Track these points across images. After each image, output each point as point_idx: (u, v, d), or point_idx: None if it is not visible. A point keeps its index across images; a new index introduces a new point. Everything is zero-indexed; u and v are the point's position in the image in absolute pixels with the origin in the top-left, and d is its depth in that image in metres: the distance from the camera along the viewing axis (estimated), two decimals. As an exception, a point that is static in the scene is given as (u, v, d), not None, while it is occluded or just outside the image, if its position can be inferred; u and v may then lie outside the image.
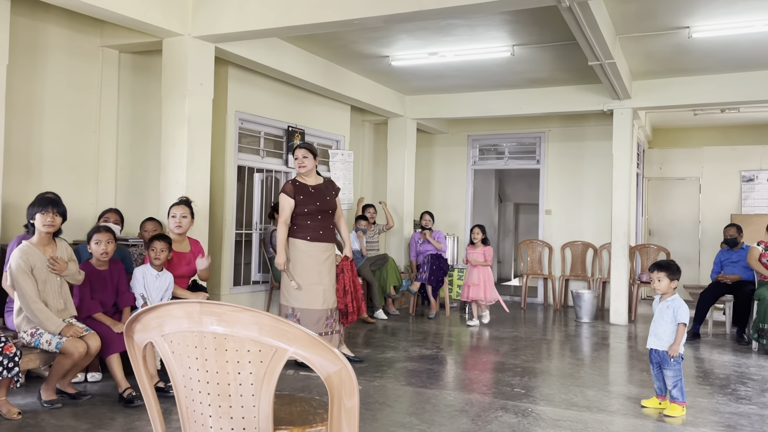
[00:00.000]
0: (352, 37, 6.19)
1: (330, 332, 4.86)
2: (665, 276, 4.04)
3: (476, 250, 7.25)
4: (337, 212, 5.00)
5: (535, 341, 6.39)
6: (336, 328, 4.93)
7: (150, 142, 5.85)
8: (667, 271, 4.05)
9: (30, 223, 3.78)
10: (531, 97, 8.19)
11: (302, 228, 4.79)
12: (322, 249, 4.81)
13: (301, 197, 4.78)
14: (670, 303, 4.01)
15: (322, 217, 4.84)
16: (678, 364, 3.96)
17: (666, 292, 4.06)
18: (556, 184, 9.43)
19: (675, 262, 4.16)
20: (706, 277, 9.02)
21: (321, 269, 4.79)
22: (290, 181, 4.88)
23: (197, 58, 5.19)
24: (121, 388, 3.87)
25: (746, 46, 6.13)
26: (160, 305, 1.67)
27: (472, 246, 7.32)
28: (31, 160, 5.17)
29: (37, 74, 5.20)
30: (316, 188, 4.87)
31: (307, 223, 4.79)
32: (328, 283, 4.84)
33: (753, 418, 3.92)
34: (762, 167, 10.02)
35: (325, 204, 4.84)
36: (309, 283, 4.76)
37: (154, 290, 4.35)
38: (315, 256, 4.78)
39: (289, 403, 2.12)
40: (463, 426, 3.61)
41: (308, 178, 4.88)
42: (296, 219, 4.81)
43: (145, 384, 1.83)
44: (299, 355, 1.56)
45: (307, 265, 4.76)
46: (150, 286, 4.34)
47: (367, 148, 9.70)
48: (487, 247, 7.29)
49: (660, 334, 4.02)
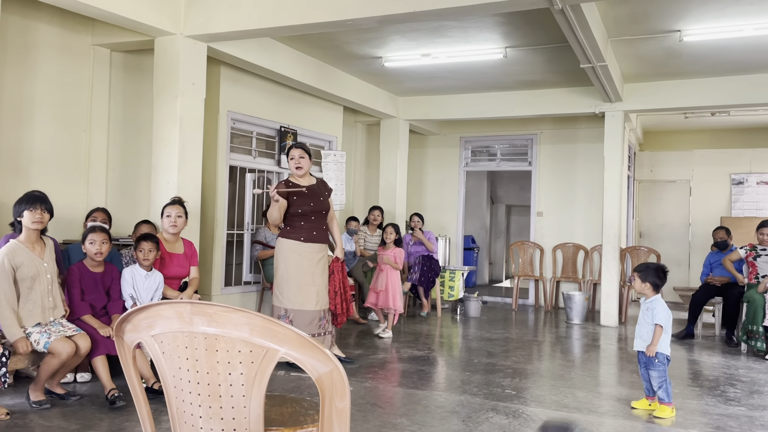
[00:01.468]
0: (345, 38, 6.19)
1: (323, 333, 4.84)
2: (637, 276, 4.13)
3: (387, 252, 6.58)
4: (330, 213, 4.97)
5: (526, 342, 6.40)
6: (329, 329, 4.91)
7: (141, 141, 5.82)
8: (639, 272, 4.13)
9: (17, 221, 3.75)
10: (523, 99, 8.21)
11: (295, 229, 4.76)
12: (315, 250, 4.78)
13: (295, 198, 4.73)
14: (649, 305, 4.06)
15: (316, 218, 4.81)
16: (663, 365, 3.98)
17: (642, 293, 4.12)
18: (547, 186, 9.47)
19: (655, 266, 4.17)
20: (696, 280, 9.08)
21: (315, 270, 4.77)
22: (283, 181, 4.84)
23: (189, 57, 5.17)
24: (106, 390, 3.84)
25: (737, 50, 6.18)
26: (151, 305, 1.67)
27: (384, 247, 6.68)
28: (21, 159, 5.13)
29: (27, 73, 5.17)
30: (310, 189, 4.81)
31: (300, 223, 4.76)
32: (321, 284, 4.81)
33: (742, 420, 3.94)
34: (752, 170, 10.10)
35: (318, 205, 4.81)
36: (302, 284, 4.72)
37: (144, 290, 4.33)
38: (308, 257, 4.75)
39: (280, 404, 2.12)
40: (453, 427, 3.61)
41: (302, 179, 4.84)
42: (289, 219, 4.77)
43: (134, 384, 1.82)
44: (290, 356, 1.56)
45: (301, 266, 4.72)
46: (139, 287, 4.31)
47: (359, 149, 9.70)
48: (398, 249, 6.60)
49: (644, 335, 4.06)
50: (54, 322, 3.82)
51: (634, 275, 4.19)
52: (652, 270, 4.11)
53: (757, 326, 5.94)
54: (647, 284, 4.08)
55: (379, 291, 6.47)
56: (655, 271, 4.11)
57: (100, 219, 4.80)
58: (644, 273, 4.11)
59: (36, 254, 3.76)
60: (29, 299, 3.72)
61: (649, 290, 4.08)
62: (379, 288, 6.49)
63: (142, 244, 4.33)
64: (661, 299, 4.08)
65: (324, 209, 4.86)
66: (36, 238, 3.79)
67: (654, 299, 4.06)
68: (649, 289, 4.08)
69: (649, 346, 3.98)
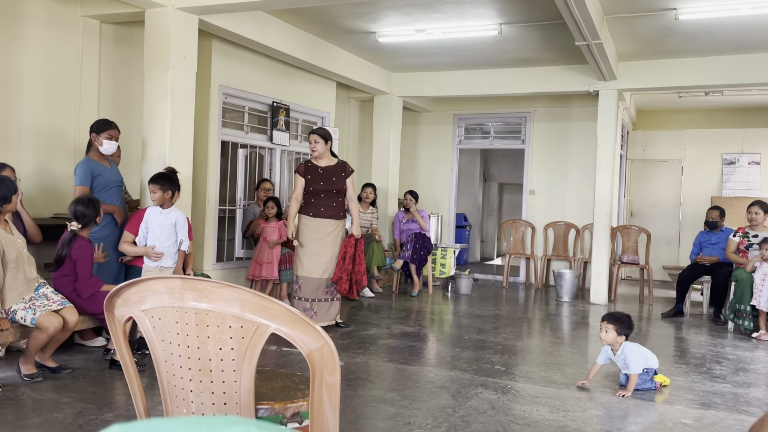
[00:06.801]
0: (338, 12, 6.12)
1: (330, 299, 5.43)
2: (613, 329, 3.98)
3: (270, 225, 6.21)
4: (349, 192, 5.48)
5: (516, 320, 6.46)
6: (337, 296, 5.48)
7: (132, 115, 5.77)
8: (617, 324, 3.99)
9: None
10: (517, 76, 8.17)
11: (307, 205, 5.37)
12: (323, 224, 5.34)
13: (310, 177, 5.33)
14: (621, 355, 3.98)
15: (326, 196, 5.35)
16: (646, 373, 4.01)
17: (612, 344, 4.02)
18: (540, 165, 9.47)
19: (626, 316, 4.06)
20: (686, 259, 9.15)
21: (324, 242, 5.35)
22: (303, 162, 5.44)
23: (180, 30, 5.10)
24: None
25: (731, 29, 6.15)
26: (141, 280, 1.66)
27: (266, 221, 6.28)
28: (10, 133, 5.07)
29: (15, 44, 5.08)
30: (326, 170, 5.38)
31: (311, 200, 5.35)
32: (329, 256, 5.38)
33: (727, 396, 4.01)
34: (744, 150, 10.13)
35: (330, 184, 5.35)
36: (311, 254, 5.33)
37: (158, 227, 4.37)
38: (317, 230, 5.33)
39: (271, 379, 2.13)
40: (443, 402, 3.66)
41: (320, 161, 5.39)
42: (305, 197, 5.37)
43: (125, 358, 1.83)
44: (281, 331, 1.56)
45: (310, 237, 5.33)
46: (152, 224, 4.37)
47: (352, 126, 9.65)
48: (281, 221, 6.21)
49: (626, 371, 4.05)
50: (39, 296, 3.82)
51: (606, 327, 4.00)
52: (626, 322, 4.00)
53: (744, 305, 6.00)
54: (623, 336, 3.99)
55: (264, 263, 6.20)
56: (628, 321, 4.02)
57: None
58: (620, 326, 3.98)
59: (7, 232, 3.74)
60: (17, 278, 3.74)
61: (622, 340, 4.00)
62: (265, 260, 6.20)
63: (150, 186, 4.40)
64: (629, 344, 4.00)
65: (337, 189, 5.39)
66: (2, 218, 3.76)
67: (624, 347, 3.98)
68: (623, 339, 4.00)
69: (625, 391, 3.90)
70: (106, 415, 3.25)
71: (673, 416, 3.60)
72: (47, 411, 3.28)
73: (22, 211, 4.21)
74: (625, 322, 4.03)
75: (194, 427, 0.71)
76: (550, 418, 3.45)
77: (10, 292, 3.71)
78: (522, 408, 3.61)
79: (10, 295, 3.71)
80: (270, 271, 6.20)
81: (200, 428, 0.71)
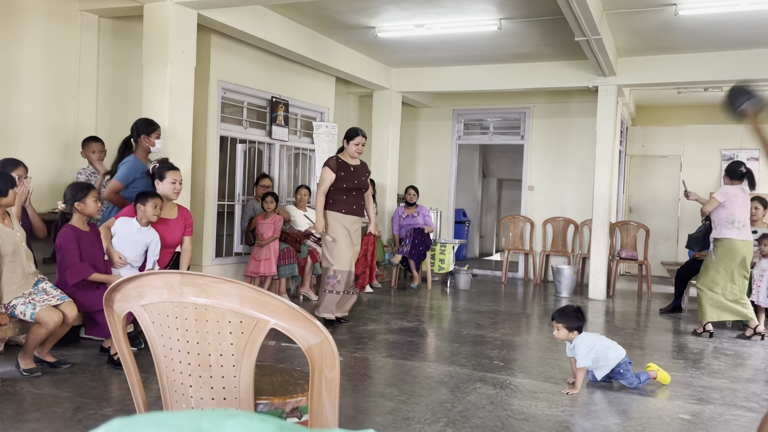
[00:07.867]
0: (338, 7, 6.10)
1: (352, 292, 5.58)
2: (563, 327, 3.93)
3: (267, 221, 6.27)
4: (368, 192, 5.64)
5: (515, 315, 6.47)
6: (356, 289, 5.67)
7: (130, 110, 5.74)
8: (564, 320, 3.93)
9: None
10: (517, 72, 8.16)
11: (338, 202, 5.42)
12: (352, 221, 5.50)
13: (342, 174, 5.38)
14: (573, 349, 3.94)
15: (356, 194, 5.49)
16: (627, 371, 3.97)
17: (567, 340, 3.98)
18: (539, 160, 9.47)
19: (576, 310, 3.97)
20: (684, 254, 9.16)
21: (352, 237, 5.51)
22: (333, 157, 5.47)
23: (179, 24, 5.09)
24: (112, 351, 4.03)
25: (731, 25, 6.14)
26: (141, 275, 1.66)
27: (264, 215, 6.35)
28: (8, 127, 5.06)
29: (14, 39, 5.07)
30: (355, 168, 5.49)
31: (343, 198, 5.43)
32: (356, 251, 5.61)
33: (724, 392, 4.02)
34: (742, 146, 10.13)
35: (360, 183, 5.51)
36: (346, 249, 5.47)
37: (131, 243, 4.20)
38: (348, 227, 5.46)
39: (270, 374, 2.13)
40: (442, 397, 3.66)
41: (352, 159, 5.49)
42: (334, 193, 5.40)
43: (124, 353, 1.83)
44: (280, 326, 1.56)
45: (342, 233, 5.44)
46: (127, 239, 4.19)
47: (351, 121, 9.63)
48: (277, 216, 6.30)
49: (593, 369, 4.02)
50: (38, 290, 3.82)
51: (557, 326, 3.95)
52: (573, 315, 3.93)
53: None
54: (575, 331, 3.93)
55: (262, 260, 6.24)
56: (575, 314, 3.94)
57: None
58: (568, 321, 3.91)
59: (6, 225, 3.72)
60: (15, 272, 3.72)
61: (575, 335, 3.94)
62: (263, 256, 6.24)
63: (153, 200, 4.20)
64: (580, 337, 3.93)
65: (363, 187, 5.53)
66: (2, 211, 3.73)
67: (576, 340, 3.92)
68: (575, 334, 3.94)
69: (572, 389, 3.84)
70: (105, 410, 3.26)
71: (671, 411, 3.61)
72: (46, 406, 3.28)
73: (29, 207, 4.20)
74: (573, 316, 3.94)
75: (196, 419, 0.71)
76: (548, 413, 3.46)
77: (8, 286, 3.70)
78: (520, 403, 3.62)
79: (8, 289, 3.70)
80: (268, 267, 6.21)
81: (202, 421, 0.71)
